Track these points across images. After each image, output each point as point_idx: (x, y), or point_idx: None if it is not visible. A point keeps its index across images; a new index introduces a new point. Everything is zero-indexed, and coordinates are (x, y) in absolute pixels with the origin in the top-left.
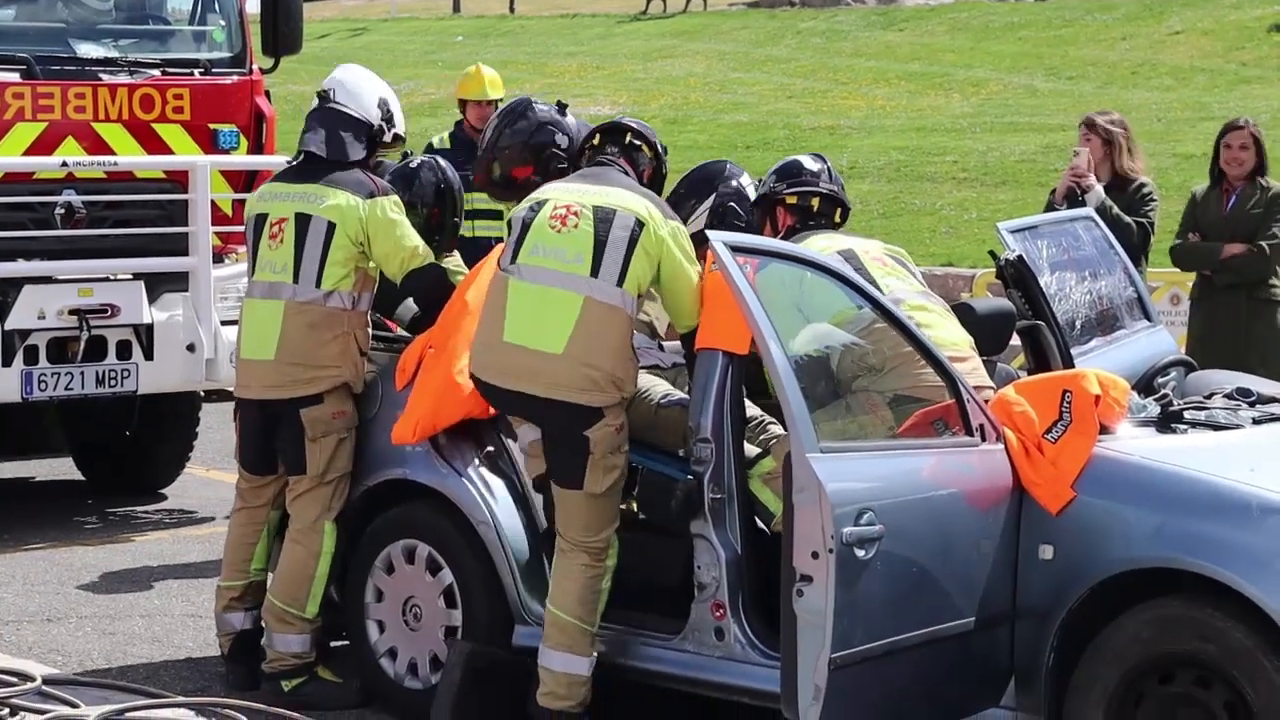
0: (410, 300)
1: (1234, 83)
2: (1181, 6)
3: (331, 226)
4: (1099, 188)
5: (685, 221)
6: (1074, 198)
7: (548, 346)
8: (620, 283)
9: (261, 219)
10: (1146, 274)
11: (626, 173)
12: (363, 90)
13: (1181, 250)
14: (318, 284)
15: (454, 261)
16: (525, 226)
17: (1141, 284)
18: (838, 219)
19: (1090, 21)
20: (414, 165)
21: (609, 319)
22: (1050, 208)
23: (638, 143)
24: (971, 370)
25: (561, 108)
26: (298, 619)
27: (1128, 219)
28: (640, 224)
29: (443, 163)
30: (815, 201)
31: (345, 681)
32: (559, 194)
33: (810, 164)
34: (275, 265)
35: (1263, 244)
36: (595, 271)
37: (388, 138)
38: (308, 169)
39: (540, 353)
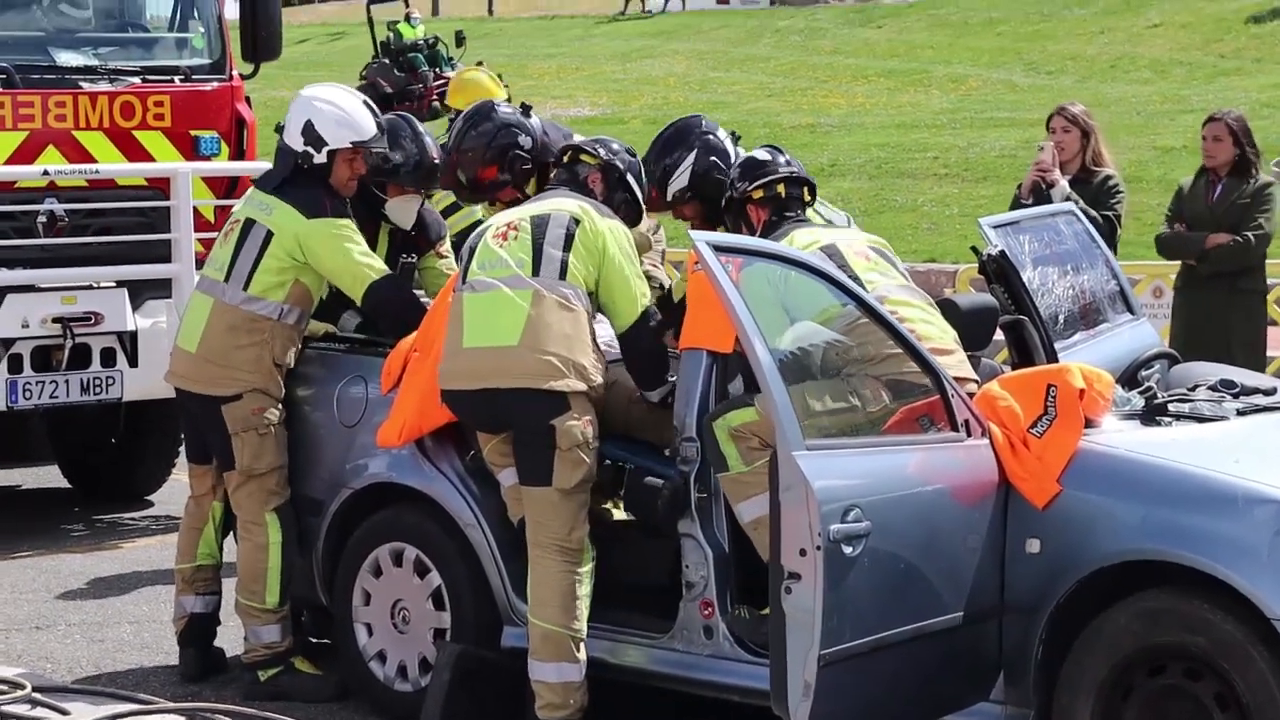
0: (349, 313)
1: (1213, 75)
2: None
3: (270, 235)
4: (1064, 182)
5: (670, 178)
6: (1040, 193)
7: (503, 341)
8: (563, 276)
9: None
10: None
11: (573, 188)
12: (291, 120)
13: (1166, 240)
14: (245, 287)
15: (447, 264)
16: (471, 251)
17: (1123, 277)
18: (808, 197)
19: (1068, 16)
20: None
21: (558, 310)
22: (1016, 203)
23: (579, 156)
24: (956, 364)
25: (525, 109)
26: (260, 611)
27: (1093, 213)
28: (576, 220)
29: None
30: (781, 188)
31: (324, 674)
32: (501, 217)
33: (764, 155)
34: (216, 263)
35: (1247, 234)
36: (536, 270)
37: (319, 158)
38: (279, 184)
39: (498, 348)
